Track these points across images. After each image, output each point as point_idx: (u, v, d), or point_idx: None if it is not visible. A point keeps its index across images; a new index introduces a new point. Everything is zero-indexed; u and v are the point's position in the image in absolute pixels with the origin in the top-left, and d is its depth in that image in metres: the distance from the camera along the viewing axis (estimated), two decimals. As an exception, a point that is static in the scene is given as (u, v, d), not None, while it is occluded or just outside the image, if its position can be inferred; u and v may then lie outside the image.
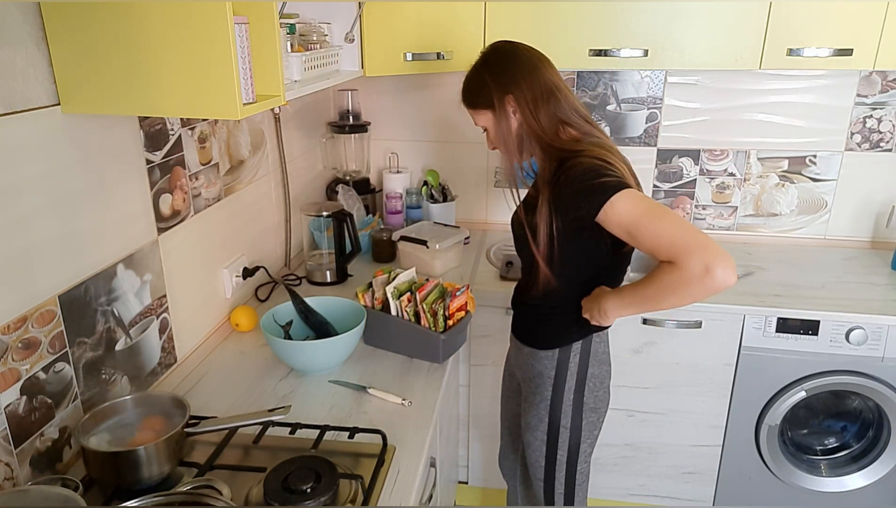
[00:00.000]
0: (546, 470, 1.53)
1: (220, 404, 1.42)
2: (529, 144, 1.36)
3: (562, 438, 1.48)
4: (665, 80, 2.32)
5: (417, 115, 2.50)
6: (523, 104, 1.33)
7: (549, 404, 1.48)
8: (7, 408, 1.06)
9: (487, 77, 1.36)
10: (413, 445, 1.28)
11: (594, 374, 1.48)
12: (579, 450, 1.50)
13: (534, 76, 1.33)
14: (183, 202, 1.55)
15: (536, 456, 1.54)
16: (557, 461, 1.51)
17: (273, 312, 1.59)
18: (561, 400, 1.46)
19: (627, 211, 1.20)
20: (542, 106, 1.33)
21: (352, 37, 1.89)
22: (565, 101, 1.34)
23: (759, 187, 2.39)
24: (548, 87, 1.33)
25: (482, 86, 1.36)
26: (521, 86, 1.32)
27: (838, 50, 1.88)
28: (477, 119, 1.42)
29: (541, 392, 1.49)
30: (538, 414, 1.50)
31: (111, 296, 1.30)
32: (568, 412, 1.47)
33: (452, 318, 1.56)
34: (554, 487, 1.55)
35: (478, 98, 1.38)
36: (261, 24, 1.13)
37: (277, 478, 1.10)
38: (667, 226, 1.17)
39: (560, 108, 1.34)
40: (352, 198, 2.32)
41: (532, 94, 1.32)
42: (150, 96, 1.09)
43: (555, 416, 1.47)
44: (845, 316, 1.90)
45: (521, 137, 1.36)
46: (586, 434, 1.49)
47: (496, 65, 1.36)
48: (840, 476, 2.09)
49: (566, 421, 1.47)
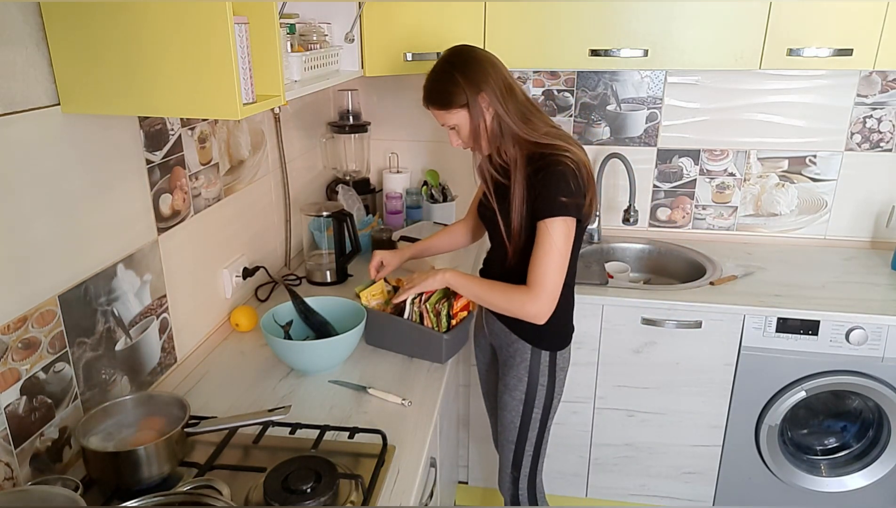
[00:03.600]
0: (520, 429, 1.64)
1: (220, 404, 1.42)
2: (502, 138, 1.45)
3: (539, 395, 1.61)
4: (665, 80, 2.32)
5: (417, 115, 2.50)
6: (494, 99, 1.42)
7: (528, 365, 1.59)
8: (7, 408, 1.06)
9: (459, 77, 1.42)
10: (413, 445, 1.28)
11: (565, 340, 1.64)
12: (552, 405, 1.64)
13: (496, 73, 1.44)
14: (183, 202, 1.55)
15: (512, 416, 1.64)
16: (532, 419, 1.63)
17: (273, 312, 1.59)
18: (539, 362, 1.59)
19: (551, 232, 1.40)
20: (508, 99, 1.43)
21: (352, 37, 1.89)
22: (522, 96, 1.47)
23: (759, 187, 2.39)
24: (507, 83, 1.44)
25: (454, 86, 1.43)
26: (490, 82, 1.42)
27: (838, 50, 1.89)
28: (448, 119, 1.48)
29: (521, 354, 1.59)
30: (517, 374, 1.60)
31: (111, 296, 1.30)
32: (545, 371, 1.59)
33: (455, 318, 1.57)
34: (525, 448, 1.67)
35: (450, 98, 1.44)
36: (261, 24, 1.13)
37: (277, 478, 1.10)
38: (551, 265, 1.41)
39: (520, 102, 1.45)
40: (352, 198, 2.32)
41: (499, 89, 1.42)
42: (149, 96, 1.09)
43: (533, 375, 1.59)
44: (845, 316, 1.90)
45: (495, 131, 1.45)
46: (558, 389, 1.64)
47: (464, 65, 1.43)
48: (840, 476, 2.09)
49: (543, 380, 1.60)
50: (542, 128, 1.46)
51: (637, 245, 2.44)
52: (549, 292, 1.42)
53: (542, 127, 1.46)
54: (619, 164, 2.33)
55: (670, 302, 1.98)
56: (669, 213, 2.48)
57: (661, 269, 2.41)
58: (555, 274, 1.42)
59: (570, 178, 1.39)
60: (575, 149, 1.44)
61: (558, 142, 1.43)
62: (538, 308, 1.43)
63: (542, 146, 1.43)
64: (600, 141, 2.43)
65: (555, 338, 1.60)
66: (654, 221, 2.50)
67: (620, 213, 2.36)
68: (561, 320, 1.59)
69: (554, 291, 1.42)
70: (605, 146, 2.42)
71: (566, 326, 1.63)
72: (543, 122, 1.48)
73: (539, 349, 1.58)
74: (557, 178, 1.39)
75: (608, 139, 2.42)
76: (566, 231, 1.41)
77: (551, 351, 1.59)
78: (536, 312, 1.43)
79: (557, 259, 1.41)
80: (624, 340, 2.05)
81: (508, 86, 1.44)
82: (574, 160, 1.41)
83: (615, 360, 2.09)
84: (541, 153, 1.43)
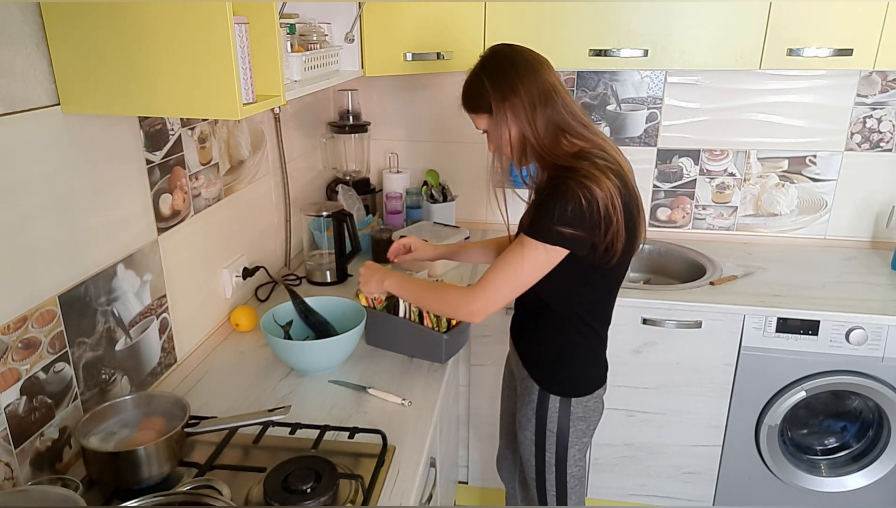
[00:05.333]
0: (537, 470, 1.53)
1: (220, 404, 1.42)
2: (526, 152, 1.36)
3: (549, 441, 1.48)
4: (665, 80, 2.32)
5: (417, 115, 2.50)
6: (520, 112, 1.32)
7: (535, 406, 1.47)
8: (7, 408, 1.06)
9: (486, 82, 1.34)
10: (413, 445, 1.28)
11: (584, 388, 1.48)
12: (567, 455, 1.49)
13: (532, 80, 1.32)
14: (183, 202, 1.55)
15: (528, 455, 1.54)
16: (546, 462, 1.50)
17: (273, 312, 1.59)
18: (547, 406, 1.46)
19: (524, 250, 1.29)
20: (539, 111, 1.32)
21: (352, 37, 1.89)
22: (563, 105, 1.33)
23: (759, 187, 2.39)
24: (545, 91, 1.32)
25: (481, 90, 1.35)
26: (520, 91, 1.31)
27: (838, 50, 1.89)
28: (477, 123, 1.41)
29: (529, 393, 1.49)
30: (527, 414, 1.50)
31: (111, 296, 1.30)
32: (554, 417, 1.46)
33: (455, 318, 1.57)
34: (546, 488, 1.54)
35: (477, 102, 1.37)
36: (261, 24, 1.13)
37: (277, 478, 1.10)
38: (505, 277, 1.31)
39: (557, 113, 1.33)
40: (352, 198, 2.32)
41: (530, 100, 1.31)
42: (149, 96, 1.09)
43: (541, 419, 1.47)
44: (845, 316, 1.90)
45: (520, 144, 1.35)
46: (574, 440, 1.48)
47: (494, 69, 1.35)
48: (840, 476, 2.09)
49: (552, 426, 1.47)
50: (574, 148, 1.33)
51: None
52: (489, 298, 1.32)
53: (576, 145, 1.33)
54: (619, 164, 2.33)
55: (670, 302, 1.98)
56: (669, 213, 2.48)
57: (661, 269, 2.41)
58: (504, 286, 1.31)
59: (572, 205, 1.23)
60: (603, 177, 1.25)
61: (582, 165, 1.27)
62: (471, 308, 1.34)
63: (563, 169, 1.29)
64: (600, 141, 2.43)
65: (567, 383, 1.44)
66: (654, 221, 2.50)
67: (620, 213, 2.36)
68: (577, 364, 1.45)
69: (495, 299, 1.32)
70: (605, 146, 2.42)
71: (586, 372, 1.46)
72: (585, 140, 1.34)
73: (547, 392, 1.44)
74: (557, 201, 1.24)
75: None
76: (543, 258, 1.29)
77: (563, 396, 1.44)
78: (469, 312, 1.34)
79: (516, 275, 1.31)
80: (624, 340, 2.05)
81: (545, 96, 1.31)
82: (591, 188, 1.23)
83: (615, 360, 2.07)
84: (558, 176, 1.28)
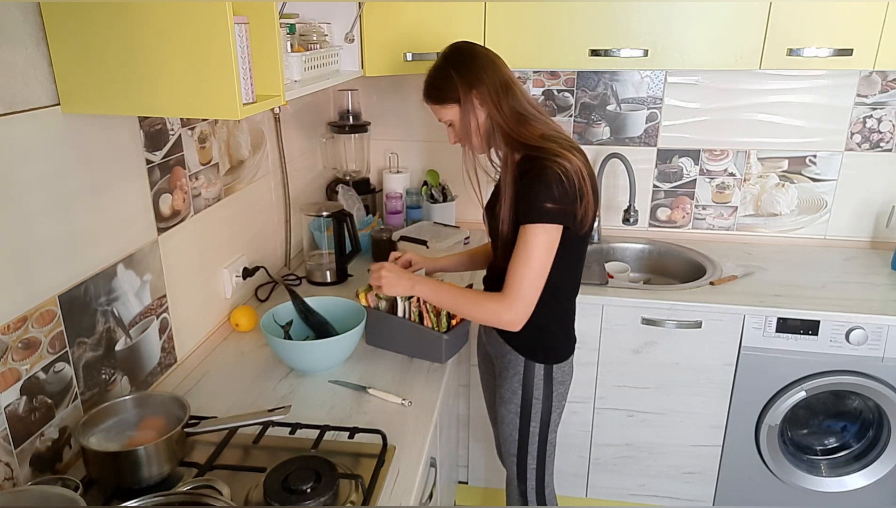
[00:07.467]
0: (519, 444, 1.60)
1: (220, 404, 1.42)
2: (495, 137, 1.45)
3: (534, 409, 1.56)
4: (665, 80, 2.32)
5: (417, 115, 2.50)
6: (487, 98, 1.41)
7: (521, 377, 1.54)
8: (7, 408, 1.06)
9: (453, 73, 1.43)
10: (413, 445, 1.29)
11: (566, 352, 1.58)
12: (550, 420, 1.58)
13: (493, 71, 1.43)
14: (183, 202, 1.55)
15: (510, 430, 1.60)
16: (530, 433, 1.58)
17: (273, 312, 1.59)
18: (532, 375, 1.54)
19: (530, 239, 1.36)
20: (503, 98, 1.42)
21: (352, 37, 1.89)
22: (521, 95, 1.45)
23: (759, 187, 2.39)
24: (505, 81, 1.43)
25: (448, 81, 1.43)
26: (484, 80, 1.41)
27: (838, 50, 1.88)
28: (443, 114, 1.48)
29: (514, 366, 1.55)
30: (511, 387, 1.56)
31: (111, 296, 1.30)
32: (539, 384, 1.54)
33: (455, 318, 1.57)
34: (527, 461, 1.62)
35: (444, 94, 1.45)
36: (261, 24, 1.13)
37: (277, 478, 1.10)
38: (528, 273, 1.36)
39: (518, 101, 1.43)
40: (352, 198, 2.32)
41: (494, 88, 1.41)
42: (149, 96, 1.09)
43: (528, 388, 1.54)
44: (845, 316, 1.90)
45: (488, 130, 1.44)
46: (556, 405, 1.58)
47: (460, 62, 1.44)
48: (840, 476, 2.09)
49: (538, 394, 1.55)
50: (537, 131, 1.42)
51: (637, 245, 2.44)
52: (524, 299, 1.38)
53: (538, 129, 1.43)
54: (618, 164, 2.33)
55: (670, 302, 1.98)
56: (669, 213, 2.48)
57: (661, 269, 2.41)
58: (531, 282, 1.37)
59: (555, 184, 1.34)
60: (570, 154, 1.38)
61: (550, 146, 1.39)
62: (511, 316, 1.39)
63: (533, 149, 1.40)
64: (600, 141, 2.43)
65: (550, 350, 1.54)
66: (654, 221, 2.50)
67: (620, 213, 2.37)
68: (558, 331, 1.55)
69: (529, 299, 1.38)
70: (605, 146, 2.42)
71: (565, 338, 1.57)
72: (543, 125, 1.45)
73: (533, 361, 1.53)
74: (541, 183, 1.34)
75: (608, 139, 2.42)
76: (547, 239, 1.36)
77: (547, 363, 1.53)
78: (510, 320, 1.39)
79: (536, 266, 1.36)
80: (624, 340, 2.05)
81: (505, 86, 1.42)
82: (564, 165, 1.35)
83: (615, 360, 2.09)
84: (531, 156, 1.39)
